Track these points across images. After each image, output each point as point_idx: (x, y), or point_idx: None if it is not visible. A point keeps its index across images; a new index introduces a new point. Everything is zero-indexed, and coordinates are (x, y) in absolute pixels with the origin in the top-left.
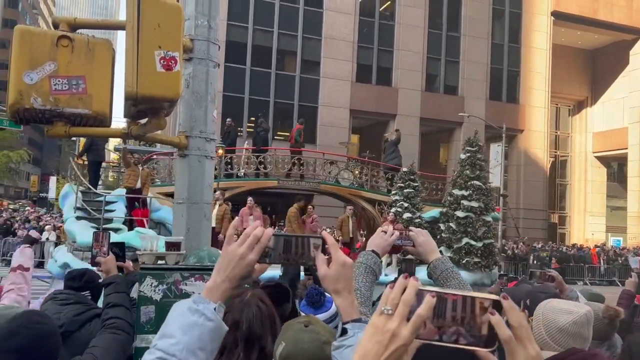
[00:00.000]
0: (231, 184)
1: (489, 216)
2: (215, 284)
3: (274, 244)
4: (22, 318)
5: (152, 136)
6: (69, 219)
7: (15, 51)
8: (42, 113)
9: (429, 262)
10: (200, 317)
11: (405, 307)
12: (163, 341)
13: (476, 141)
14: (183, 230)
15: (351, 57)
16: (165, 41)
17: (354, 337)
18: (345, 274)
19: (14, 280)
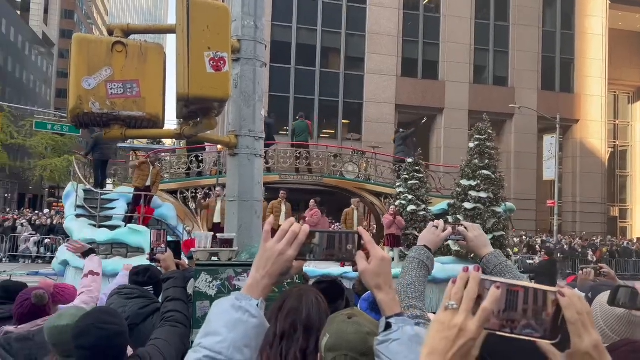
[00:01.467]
0: None
1: (500, 207)
2: (255, 280)
3: (319, 241)
4: (93, 317)
5: (203, 136)
6: (69, 217)
7: (74, 58)
8: (100, 117)
9: (482, 257)
10: (244, 314)
11: (470, 301)
12: (208, 339)
13: (485, 129)
14: (235, 227)
15: (396, 52)
16: (214, 42)
17: (400, 331)
18: (385, 269)
19: (85, 284)
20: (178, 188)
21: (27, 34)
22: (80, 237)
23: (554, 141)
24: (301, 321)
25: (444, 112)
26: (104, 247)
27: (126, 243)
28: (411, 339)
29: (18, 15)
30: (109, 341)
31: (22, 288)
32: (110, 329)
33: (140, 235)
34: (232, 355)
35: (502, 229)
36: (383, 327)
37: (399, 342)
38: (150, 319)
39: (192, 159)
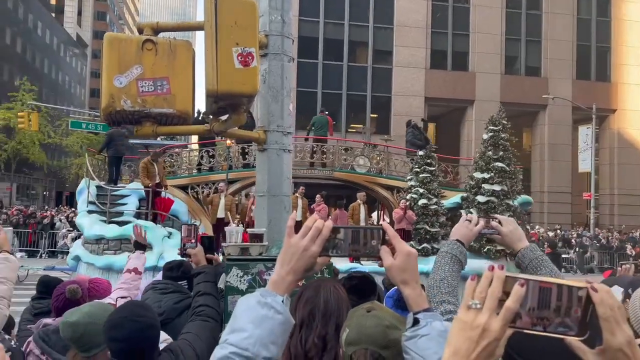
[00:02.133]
0: (243, 175)
1: (515, 200)
2: (280, 277)
3: (343, 236)
4: (126, 310)
5: (232, 132)
6: (81, 213)
7: (106, 57)
8: (132, 114)
9: (517, 251)
10: (270, 310)
11: (494, 300)
12: (234, 335)
13: (500, 119)
14: (265, 222)
15: (424, 44)
16: (242, 38)
17: (428, 327)
18: (411, 264)
19: (125, 280)
20: (189, 183)
21: (62, 36)
22: (91, 233)
23: (589, 132)
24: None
25: (475, 104)
26: (113, 243)
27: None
28: (440, 335)
29: (53, 18)
30: (141, 333)
31: (60, 283)
32: (143, 322)
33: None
34: (258, 352)
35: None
36: (411, 322)
37: (427, 337)
38: (185, 314)
39: (202, 154)
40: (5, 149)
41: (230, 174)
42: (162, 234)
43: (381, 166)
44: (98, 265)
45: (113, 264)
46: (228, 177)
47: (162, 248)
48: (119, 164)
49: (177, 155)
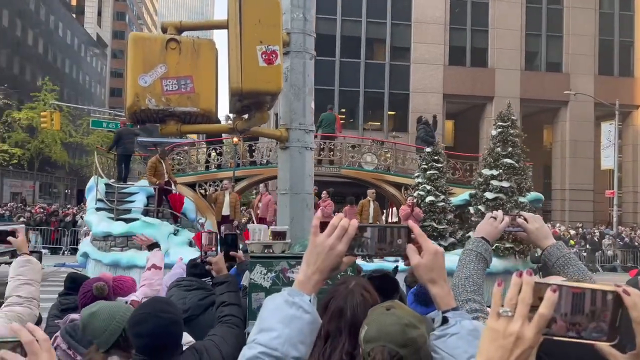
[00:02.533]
0: (250, 172)
1: (525, 197)
2: (307, 276)
3: (369, 235)
4: (150, 307)
5: (255, 130)
6: (89, 210)
7: (130, 56)
8: (156, 113)
9: (543, 249)
10: (298, 309)
11: (525, 306)
12: (263, 335)
13: (509, 115)
14: (287, 219)
15: (443, 40)
16: (265, 36)
17: (457, 325)
18: (438, 263)
19: (147, 277)
20: (197, 181)
21: (82, 36)
22: (98, 230)
23: (612, 128)
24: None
25: (494, 100)
26: (119, 240)
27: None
28: (470, 333)
29: (73, 18)
30: (165, 329)
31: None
32: (167, 318)
33: (153, 228)
34: (287, 351)
35: None
36: (440, 321)
37: (457, 336)
38: (209, 310)
39: (210, 152)
40: (28, 148)
41: (237, 171)
42: (167, 231)
43: (389, 163)
44: (105, 262)
45: (119, 260)
46: (235, 174)
47: (168, 245)
48: (127, 162)
49: (186, 153)
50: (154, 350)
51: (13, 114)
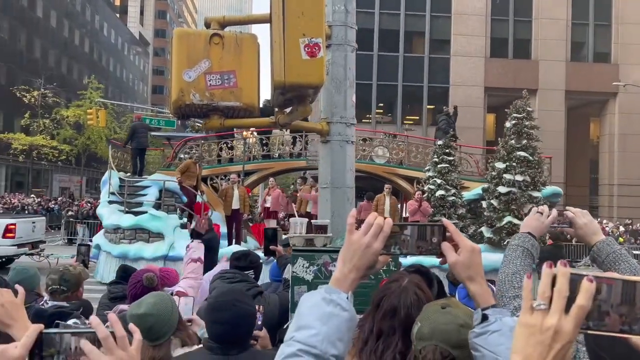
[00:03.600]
0: (260, 166)
1: (541, 192)
2: (343, 274)
3: (405, 233)
4: (230, 296)
5: (297, 124)
6: (102, 203)
7: (175, 52)
8: (200, 108)
9: (592, 245)
10: (336, 307)
11: (562, 299)
12: (301, 333)
13: (525, 106)
14: (328, 214)
15: (484, 32)
16: (308, 28)
17: (499, 322)
18: (475, 260)
19: (192, 269)
20: (208, 175)
21: (125, 35)
22: (108, 223)
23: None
24: (400, 321)
25: (538, 93)
26: (128, 232)
27: (148, 229)
28: (512, 330)
29: (117, 18)
30: (242, 320)
31: (135, 270)
32: (245, 309)
33: (160, 221)
34: (326, 349)
35: None
36: (479, 319)
37: (499, 333)
38: None
39: (221, 146)
40: (75, 145)
41: (248, 165)
42: (173, 225)
43: (401, 157)
44: (114, 254)
45: (127, 252)
46: (245, 168)
47: (174, 238)
48: (142, 156)
49: (198, 147)
50: (230, 339)
51: (61, 112)
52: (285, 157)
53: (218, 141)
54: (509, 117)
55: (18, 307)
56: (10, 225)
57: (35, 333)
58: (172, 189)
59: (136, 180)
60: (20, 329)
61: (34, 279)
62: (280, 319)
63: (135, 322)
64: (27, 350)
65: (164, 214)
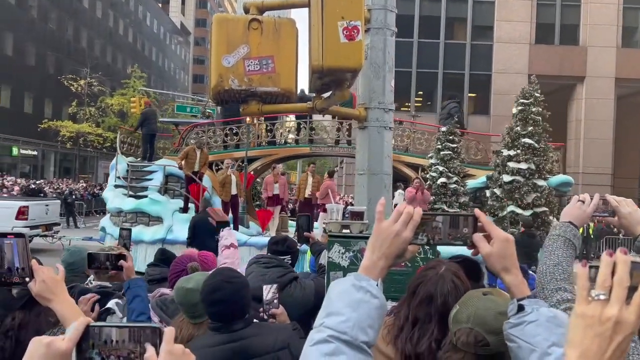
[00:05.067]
0: (264, 152)
1: (547, 181)
2: (372, 262)
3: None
4: (221, 275)
5: (334, 109)
6: (109, 187)
7: (215, 38)
8: (239, 93)
9: (637, 236)
10: (366, 294)
11: (624, 288)
12: (331, 319)
13: (532, 92)
14: (365, 200)
15: (529, 17)
16: (347, 11)
17: (535, 313)
18: (510, 250)
19: (228, 255)
20: (213, 160)
21: (167, 25)
22: (111, 206)
23: None
24: (436, 309)
25: (585, 81)
26: (130, 216)
27: (148, 212)
28: (550, 320)
29: (159, 8)
30: (237, 293)
31: (174, 255)
32: (238, 282)
33: (159, 205)
34: (356, 335)
35: (547, 204)
36: (515, 309)
37: (535, 323)
38: (288, 288)
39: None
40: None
41: (252, 151)
42: (172, 209)
43: (406, 143)
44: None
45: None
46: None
47: (172, 222)
48: (152, 141)
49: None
50: (228, 316)
51: (106, 100)
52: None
53: (224, 127)
54: (515, 102)
55: (58, 283)
56: (22, 207)
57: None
58: (177, 174)
59: (143, 165)
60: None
61: (85, 261)
62: (315, 305)
63: (182, 295)
64: (74, 343)
65: (164, 198)
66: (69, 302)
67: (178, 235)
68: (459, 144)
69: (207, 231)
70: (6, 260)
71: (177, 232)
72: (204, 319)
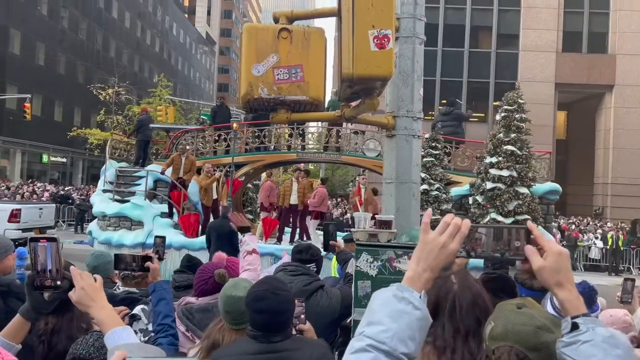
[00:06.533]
0: (252, 158)
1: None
2: (417, 273)
3: (484, 235)
4: (268, 284)
5: (362, 117)
6: (97, 191)
7: (245, 46)
8: (268, 102)
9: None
10: (407, 305)
11: None
12: (371, 328)
13: (516, 98)
14: (392, 209)
15: (556, 25)
16: (378, 20)
17: (590, 332)
18: (564, 264)
19: (250, 261)
20: (201, 166)
21: (193, 35)
22: (96, 210)
23: None
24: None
25: (614, 89)
26: (113, 220)
27: (129, 217)
28: (606, 341)
29: (185, 18)
30: (282, 306)
31: (200, 261)
32: (284, 295)
33: (141, 209)
34: (395, 346)
35: (529, 212)
36: (569, 328)
37: (591, 343)
38: (314, 296)
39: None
40: None
41: (240, 157)
42: (153, 213)
43: None
44: (100, 240)
45: (111, 239)
46: (236, 160)
47: (152, 226)
48: (146, 147)
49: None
50: (270, 326)
51: (133, 108)
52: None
53: (213, 133)
54: (499, 110)
55: (97, 290)
56: (15, 210)
57: None
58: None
59: (132, 170)
60: (99, 309)
61: (109, 265)
62: (341, 313)
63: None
64: None
65: (146, 203)
66: (107, 309)
67: None
68: (442, 150)
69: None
70: (39, 263)
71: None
72: (245, 325)
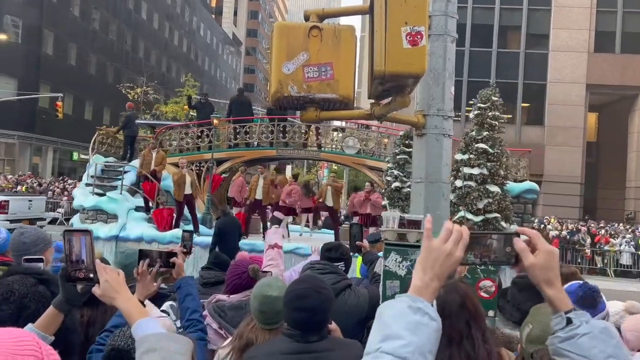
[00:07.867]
0: (232, 154)
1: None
2: (424, 283)
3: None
4: (310, 283)
5: (391, 116)
6: (81, 185)
7: (275, 45)
8: (298, 100)
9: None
10: (424, 316)
11: None
12: (389, 343)
13: (490, 96)
14: (421, 209)
15: (588, 25)
16: (411, 16)
17: (587, 325)
18: (554, 263)
19: (273, 257)
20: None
21: (220, 35)
22: (76, 204)
23: None
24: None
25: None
26: (90, 213)
27: (105, 210)
28: (603, 332)
29: (212, 19)
30: (322, 305)
31: (227, 259)
32: (326, 294)
33: (116, 203)
34: None
35: (499, 211)
36: (563, 323)
37: (589, 336)
38: (342, 295)
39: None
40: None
41: (220, 153)
42: (127, 207)
43: (372, 147)
44: None
45: None
46: (215, 156)
47: (126, 219)
48: (133, 143)
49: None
50: (309, 325)
51: (161, 108)
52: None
53: (196, 129)
54: (472, 106)
55: (121, 283)
56: (3, 202)
57: None
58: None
59: (116, 164)
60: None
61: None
62: (369, 313)
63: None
64: None
65: (121, 196)
66: (133, 300)
67: (130, 232)
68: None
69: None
70: (74, 254)
71: (130, 230)
72: (278, 325)
